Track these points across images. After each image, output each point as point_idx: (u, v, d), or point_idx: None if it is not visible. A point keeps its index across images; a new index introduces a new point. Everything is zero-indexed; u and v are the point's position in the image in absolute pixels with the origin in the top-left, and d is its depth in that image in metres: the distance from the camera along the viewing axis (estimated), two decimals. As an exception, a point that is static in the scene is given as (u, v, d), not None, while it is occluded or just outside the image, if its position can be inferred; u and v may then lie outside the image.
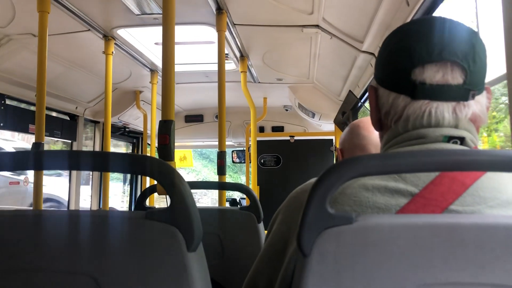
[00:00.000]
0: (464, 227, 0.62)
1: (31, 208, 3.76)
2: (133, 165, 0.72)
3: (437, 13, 1.85)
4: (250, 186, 4.49)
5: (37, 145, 2.27)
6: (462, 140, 0.75)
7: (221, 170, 2.55)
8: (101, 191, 4.54)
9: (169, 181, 0.68)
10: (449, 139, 0.75)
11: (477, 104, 0.77)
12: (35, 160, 0.73)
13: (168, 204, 0.69)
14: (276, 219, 0.90)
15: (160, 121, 1.62)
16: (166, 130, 1.58)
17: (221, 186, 2.09)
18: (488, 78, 1.40)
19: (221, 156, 2.58)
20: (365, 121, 1.61)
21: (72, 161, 0.72)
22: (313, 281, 0.62)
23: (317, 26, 2.77)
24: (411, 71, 0.76)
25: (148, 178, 4.77)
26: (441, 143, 0.75)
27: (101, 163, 0.71)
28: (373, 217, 0.65)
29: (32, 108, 3.56)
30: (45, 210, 0.76)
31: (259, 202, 1.64)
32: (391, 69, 0.80)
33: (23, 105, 3.58)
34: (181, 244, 0.68)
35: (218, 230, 1.62)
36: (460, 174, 0.71)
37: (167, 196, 0.72)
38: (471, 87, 0.75)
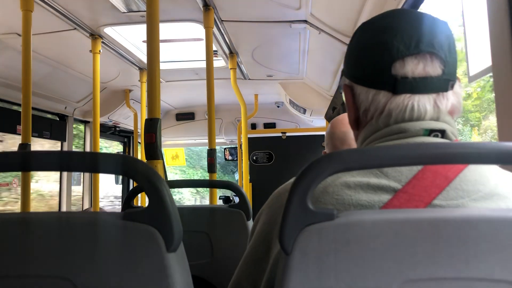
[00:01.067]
0: (447, 221, 0.61)
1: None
2: (113, 165, 0.70)
3: (423, 5, 1.84)
4: (243, 183, 4.48)
5: (24, 146, 2.24)
6: (443, 133, 0.74)
7: (211, 168, 2.54)
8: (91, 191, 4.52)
9: (147, 180, 0.67)
10: (430, 132, 0.74)
11: (454, 95, 0.77)
12: (21, 161, 0.71)
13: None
14: (259, 220, 0.87)
15: (146, 119, 1.60)
16: (152, 129, 1.56)
17: (211, 184, 2.07)
18: (474, 70, 1.40)
19: (211, 153, 2.56)
20: (338, 120, 1.62)
21: (52, 161, 0.70)
22: (296, 279, 0.61)
23: (305, 21, 2.76)
24: (391, 65, 0.75)
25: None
26: (422, 137, 0.74)
27: (82, 163, 0.69)
28: (355, 213, 0.64)
29: (20, 109, 3.52)
30: (21, 213, 0.74)
31: (248, 199, 1.62)
32: (368, 65, 0.78)
33: (13, 107, 3.54)
34: (160, 244, 0.66)
35: (207, 228, 1.60)
36: (442, 168, 0.70)
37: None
38: (449, 77, 0.76)
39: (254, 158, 5.27)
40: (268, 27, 2.94)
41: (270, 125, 5.72)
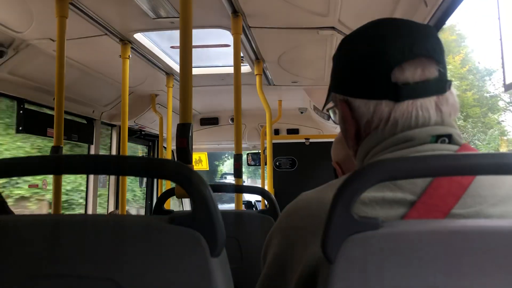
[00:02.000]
0: (495, 233, 0.61)
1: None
2: (154, 169, 0.72)
3: (455, 13, 1.83)
4: (266, 189, 4.48)
5: (56, 149, 2.29)
6: (449, 138, 0.74)
7: (238, 173, 2.55)
8: (118, 194, 4.58)
9: (192, 184, 0.68)
10: (437, 138, 0.74)
11: (451, 95, 0.77)
12: (54, 164, 0.73)
13: (184, 207, 0.69)
14: (271, 242, 0.84)
15: (178, 124, 1.62)
16: (184, 134, 1.58)
17: (239, 189, 2.08)
18: (511, 79, 1.38)
19: (237, 158, 2.58)
20: None
21: (90, 165, 0.72)
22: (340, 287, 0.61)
23: (333, 28, 2.76)
24: (389, 73, 0.74)
25: (164, 181, 4.79)
26: (430, 144, 0.73)
27: (121, 167, 0.71)
28: (400, 223, 0.64)
29: (50, 112, 3.61)
30: (64, 215, 0.76)
31: (277, 205, 1.63)
32: (365, 76, 0.77)
33: (42, 109, 3.63)
34: (204, 249, 0.67)
35: (237, 233, 1.61)
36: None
37: (183, 200, 0.71)
38: (445, 77, 0.76)
39: (277, 164, 5.27)
40: (295, 34, 2.95)
41: (293, 131, 5.71)
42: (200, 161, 6.38)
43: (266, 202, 1.78)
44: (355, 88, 0.79)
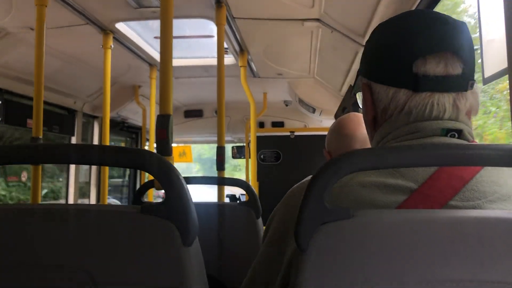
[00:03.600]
0: (464, 222, 0.61)
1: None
2: (129, 159, 0.70)
3: (439, 6, 1.83)
4: (250, 182, 4.48)
5: (35, 139, 2.25)
6: (459, 133, 0.74)
7: (220, 166, 2.53)
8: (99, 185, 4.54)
9: (165, 175, 0.67)
10: (447, 132, 0.74)
11: (472, 95, 0.77)
12: (32, 153, 0.71)
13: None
14: (273, 219, 0.87)
15: (158, 115, 1.60)
16: (163, 125, 1.56)
17: (220, 181, 2.07)
18: (490, 72, 1.39)
19: (220, 151, 2.56)
20: (347, 119, 1.59)
21: (68, 154, 0.71)
22: (311, 276, 0.60)
23: (318, 20, 2.75)
24: (412, 64, 0.75)
25: (147, 174, 4.74)
26: (439, 137, 0.74)
27: (97, 156, 0.69)
28: (372, 212, 0.64)
29: (31, 102, 3.54)
30: (38, 205, 0.74)
31: (257, 198, 1.62)
32: (388, 63, 0.78)
33: (22, 100, 3.56)
34: (176, 238, 0.66)
35: (217, 225, 1.60)
36: (458, 169, 0.70)
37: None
38: (469, 76, 0.76)
39: (262, 157, 5.26)
40: (280, 25, 2.93)
41: (278, 124, 5.70)
42: (184, 154, 6.34)
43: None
44: (377, 74, 0.81)
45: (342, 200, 0.71)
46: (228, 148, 6.96)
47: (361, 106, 0.90)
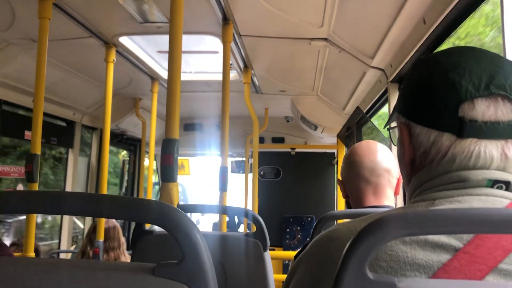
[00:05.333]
0: None
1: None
2: (135, 212, 0.62)
3: (456, 33, 1.78)
4: (250, 200, 4.39)
5: (32, 157, 2.16)
6: (507, 185, 0.68)
7: (223, 186, 2.46)
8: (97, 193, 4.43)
9: (179, 229, 0.59)
10: (494, 183, 0.67)
11: None
12: (23, 202, 0.63)
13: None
14: (298, 268, 0.79)
15: (164, 139, 1.53)
16: (170, 150, 1.49)
17: (223, 210, 1.99)
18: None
19: (223, 172, 2.49)
20: (357, 146, 1.57)
21: (61, 205, 0.63)
22: None
23: (325, 39, 2.70)
24: (458, 107, 0.68)
25: (145, 185, 4.65)
26: (484, 188, 0.67)
27: (104, 208, 0.62)
28: (418, 282, 0.57)
29: (28, 113, 3.47)
30: (32, 259, 0.66)
31: (265, 229, 1.54)
32: (431, 105, 0.72)
33: (20, 111, 3.49)
34: None
35: (221, 257, 1.52)
36: None
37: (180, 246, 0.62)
38: None
39: (262, 173, 5.19)
40: (286, 43, 2.88)
41: (278, 140, 5.63)
42: (183, 167, 6.26)
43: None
44: (418, 114, 0.74)
45: (378, 256, 0.64)
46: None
47: (395, 144, 0.85)
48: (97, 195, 0.63)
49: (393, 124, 0.87)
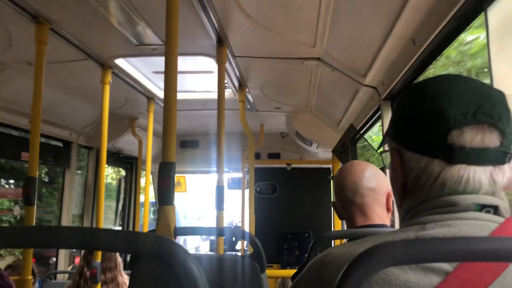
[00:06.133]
0: None
1: None
2: (133, 245, 0.64)
3: (444, 53, 1.82)
4: (247, 216, 4.39)
5: (30, 180, 2.17)
6: (495, 209, 0.71)
7: (219, 205, 2.48)
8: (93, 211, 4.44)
9: (179, 264, 0.61)
10: (482, 207, 0.70)
11: (510, 168, 0.73)
12: (17, 238, 0.65)
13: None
14: None
15: (160, 163, 1.55)
16: (167, 173, 1.51)
17: (219, 232, 2.00)
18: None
19: (219, 191, 2.51)
20: (341, 169, 1.59)
21: (58, 239, 0.64)
22: None
23: (318, 59, 2.74)
24: (447, 134, 0.71)
25: (142, 195, 4.62)
26: (473, 212, 0.70)
27: (100, 241, 0.63)
28: None
29: (25, 134, 3.48)
30: None
31: (262, 250, 1.56)
32: (421, 132, 0.75)
33: (15, 132, 3.50)
34: None
35: (218, 279, 1.53)
36: None
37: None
38: (507, 149, 0.72)
39: (258, 189, 5.20)
40: (280, 63, 2.92)
41: (274, 155, 5.65)
42: (179, 184, 6.27)
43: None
44: (409, 140, 0.77)
45: (374, 279, 0.66)
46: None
47: (387, 168, 0.87)
48: (93, 229, 0.65)
49: (386, 147, 0.89)
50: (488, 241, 0.59)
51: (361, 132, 3.43)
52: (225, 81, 3.32)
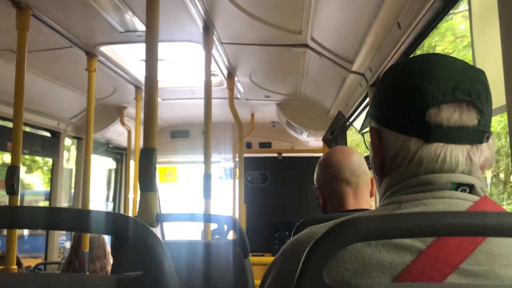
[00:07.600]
0: None
1: None
2: (99, 224, 0.63)
3: (428, 38, 1.81)
4: (237, 205, 4.38)
5: (13, 169, 2.14)
6: (471, 188, 0.70)
7: (206, 194, 2.46)
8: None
9: (144, 244, 0.60)
10: (458, 186, 0.69)
11: (488, 148, 0.73)
12: (5, 217, 0.63)
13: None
14: (271, 271, 0.80)
15: (141, 149, 1.53)
16: (147, 160, 1.48)
17: (206, 218, 2.00)
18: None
19: (207, 179, 2.49)
20: (333, 150, 1.59)
21: (36, 219, 0.63)
22: None
23: (305, 45, 2.72)
24: (425, 112, 0.70)
25: (131, 180, 4.58)
26: (448, 191, 0.69)
27: (63, 221, 0.62)
28: (377, 286, 0.58)
29: (11, 125, 3.44)
30: (11, 274, 0.66)
31: (246, 236, 1.55)
32: (399, 110, 0.74)
33: (1, 122, 3.46)
34: None
35: (202, 265, 1.52)
36: None
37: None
38: (485, 128, 0.71)
39: (249, 178, 5.19)
40: (268, 50, 2.90)
41: (265, 145, 5.64)
42: (170, 175, 6.25)
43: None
44: (387, 119, 0.77)
45: (345, 259, 0.65)
46: (215, 168, 6.87)
47: (368, 148, 0.86)
48: (56, 208, 0.64)
49: (367, 129, 0.89)
50: (453, 216, 0.57)
51: (350, 120, 3.42)
52: (214, 70, 3.29)
